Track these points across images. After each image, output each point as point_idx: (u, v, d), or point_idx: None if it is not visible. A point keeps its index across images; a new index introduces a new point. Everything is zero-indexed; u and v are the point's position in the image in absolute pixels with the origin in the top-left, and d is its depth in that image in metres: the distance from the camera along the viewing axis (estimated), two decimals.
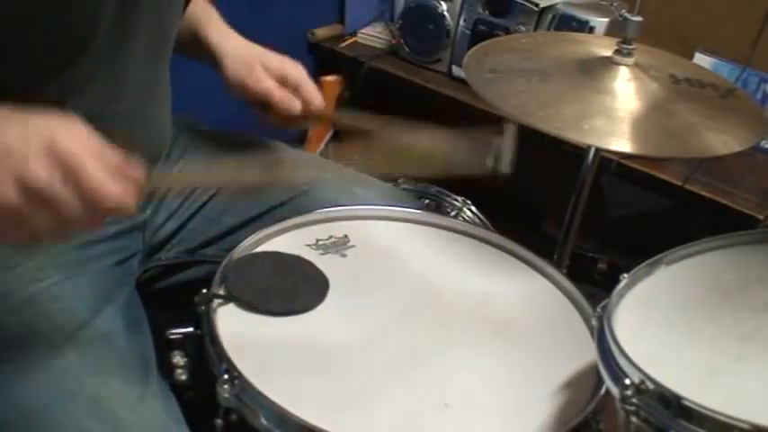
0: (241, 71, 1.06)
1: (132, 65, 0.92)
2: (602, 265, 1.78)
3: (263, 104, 1.06)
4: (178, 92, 1.06)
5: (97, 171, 0.68)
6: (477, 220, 1.39)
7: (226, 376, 0.80)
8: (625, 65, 1.06)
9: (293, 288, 0.95)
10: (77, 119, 0.72)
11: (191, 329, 0.88)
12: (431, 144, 0.95)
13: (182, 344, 0.89)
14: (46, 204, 0.67)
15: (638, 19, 1.05)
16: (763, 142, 1.65)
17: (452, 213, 1.39)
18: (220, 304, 0.91)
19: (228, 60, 1.07)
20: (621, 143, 0.97)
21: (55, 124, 0.70)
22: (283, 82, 1.07)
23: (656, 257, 0.87)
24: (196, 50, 1.10)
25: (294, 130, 1.08)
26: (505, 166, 0.89)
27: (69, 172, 0.67)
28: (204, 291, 0.90)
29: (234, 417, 0.81)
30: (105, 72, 0.89)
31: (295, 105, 1.05)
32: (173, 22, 0.99)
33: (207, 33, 1.09)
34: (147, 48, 0.93)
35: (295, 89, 1.07)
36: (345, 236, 1.06)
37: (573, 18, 1.64)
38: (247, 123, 1.09)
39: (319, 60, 1.99)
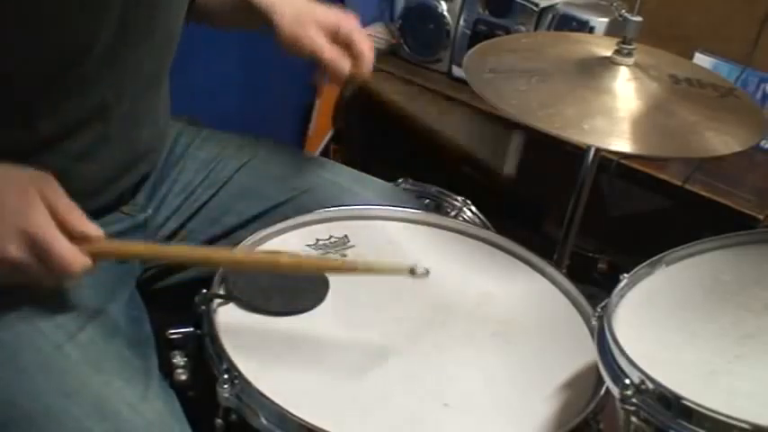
0: (295, 28, 1.04)
1: (134, 67, 0.92)
2: (602, 265, 1.77)
3: (314, 59, 1.06)
4: (178, 92, 1.06)
5: (63, 247, 0.78)
6: (477, 220, 1.39)
7: (226, 376, 0.80)
8: (625, 65, 1.06)
9: (293, 288, 0.95)
10: (51, 178, 0.81)
11: (191, 329, 0.88)
12: None
13: (182, 343, 0.89)
14: (16, 271, 0.79)
15: (638, 19, 1.05)
16: (763, 142, 1.65)
17: (452, 213, 1.39)
18: (220, 304, 0.91)
19: (282, 17, 1.05)
20: (621, 143, 0.97)
21: (29, 196, 0.79)
22: (335, 36, 1.05)
23: (656, 257, 0.87)
24: (243, 12, 1.08)
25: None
26: None
27: (38, 249, 0.78)
28: (204, 291, 0.90)
29: (234, 416, 0.81)
30: (107, 74, 0.88)
31: (344, 67, 1.04)
32: (177, 24, 0.99)
33: None
34: (150, 51, 0.93)
35: (347, 45, 1.06)
36: (346, 236, 1.06)
37: (573, 18, 1.64)
38: (247, 124, 1.09)
39: None
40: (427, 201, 1.43)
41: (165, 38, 0.97)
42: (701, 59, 1.68)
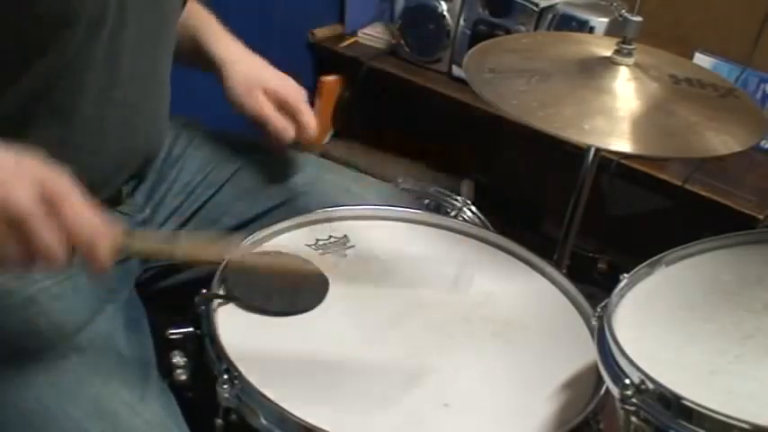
0: (241, 91, 1.07)
1: (128, 51, 0.91)
2: (602, 265, 1.78)
3: (259, 125, 1.07)
4: (178, 92, 1.06)
5: (80, 204, 0.70)
6: (477, 220, 1.40)
7: (226, 376, 0.80)
8: (625, 65, 1.06)
9: (293, 288, 0.95)
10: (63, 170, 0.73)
11: (190, 329, 0.88)
12: None
13: (182, 344, 0.88)
14: (23, 230, 0.68)
15: (638, 19, 1.05)
16: (763, 142, 1.65)
17: (452, 213, 1.39)
18: (220, 304, 0.91)
19: (230, 79, 1.07)
20: (621, 143, 0.97)
21: (45, 166, 0.71)
22: (282, 105, 1.07)
23: (656, 257, 0.87)
24: (198, 62, 1.10)
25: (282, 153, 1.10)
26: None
27: (53, 201, 0.69)
28: (204, 291, 0.90)
29: (234, 417, 0.81)
30: (99, 59, 0.88)
31: (288, 134, 1.05)
32: (171, 8, 0.98)
33: (210, 47, 1.09)
34: (142, 34, 0.92)
35: (293, 114, 1.07)
36: (345, 236, 1.06)
37: (573, 18, 1.64)
38: (247, 124, 1.09)
39: (319, 60, 1.99)
40: (427, 201, 1.44)
41: (159, 24, 0.96)
42: (701, 59, 1.68)
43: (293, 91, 1.09)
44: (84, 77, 0.88)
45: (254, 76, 1.08)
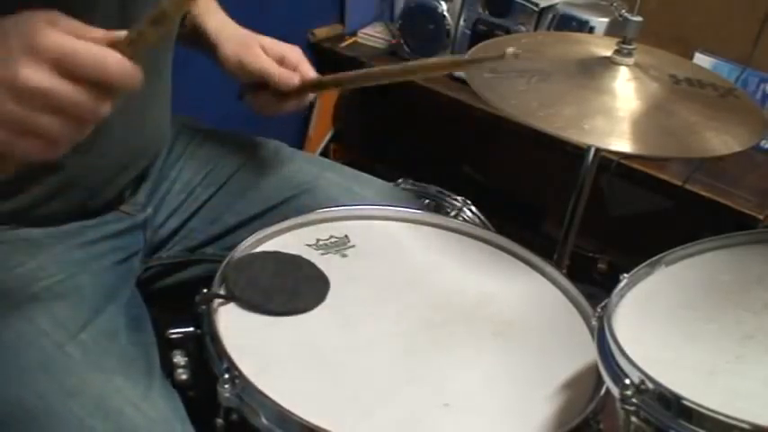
0: (239, 50, 1.06)
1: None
2: (602, 265, 1.78)
3: (259, 85, 1.05)
4: (178, 92, 1.06)
5: (90, 47, 0.62)
6: (477, 220, 1.39)
7: (226, 376, 0.80)
8: (625, 65, 1.06)
9: (294, 288, 0.95)
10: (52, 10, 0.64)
11: (191, 329, 0.88)
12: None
13: (182, 343, 0.89)
14: (49, 104, 0.62)
15: (638, 19, 1.05)
16: (763, 142, 1.66)
17: (452, 213, 1.39)
18: (221, 304, 0.91)
19: (227, 42, 1.07)
20: (621, 143, 0.97)
21: (29, 21, 0.62)
22: (281, 62, 1.06)
23: (656, 257, 0.87)
24: (194, 38, 1.09)
25: (286, 113, 1.07)
26: None
27: (62, 60, 0.61)
28: (205, 290, 0.90)
29: (234, 416, 0.81)
30: None
31: (294, 79, 1.04)
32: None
33: (205, 20, 1.09)
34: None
35: (293, 68, 1.05)
36: (346, 236, 1.06)
37: (573, 18, 1.64)
38: (247, 123, 1.09)
39: (319, 60, 1.99)
40: (427, 201, 1.44)
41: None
42: (701, 59, 1.69)
43: (290, 48, 1.08)
44: None
45: (248, 36, 1.08)
